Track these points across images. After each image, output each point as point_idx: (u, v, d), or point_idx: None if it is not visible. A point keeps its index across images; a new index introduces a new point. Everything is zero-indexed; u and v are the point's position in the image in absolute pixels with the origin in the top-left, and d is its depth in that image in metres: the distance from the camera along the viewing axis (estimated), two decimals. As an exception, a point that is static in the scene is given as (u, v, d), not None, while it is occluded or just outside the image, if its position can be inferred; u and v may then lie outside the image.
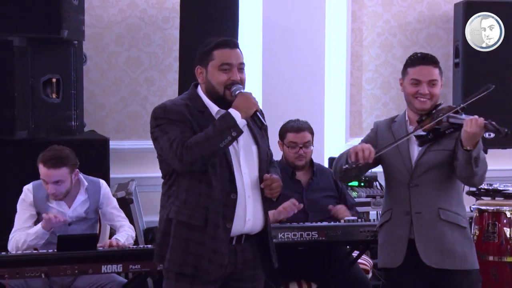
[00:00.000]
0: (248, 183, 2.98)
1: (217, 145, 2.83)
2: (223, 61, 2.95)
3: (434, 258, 3.30)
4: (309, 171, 4.31)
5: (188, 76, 5.06)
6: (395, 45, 5.94)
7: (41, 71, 4.49)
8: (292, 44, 5.54)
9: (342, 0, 5.79)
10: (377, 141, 3.47)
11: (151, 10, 5.55)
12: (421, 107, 3.37)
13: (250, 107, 2.89)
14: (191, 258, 2.90)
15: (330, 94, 5.77)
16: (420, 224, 3.32)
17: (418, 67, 3.38)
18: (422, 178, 3.34)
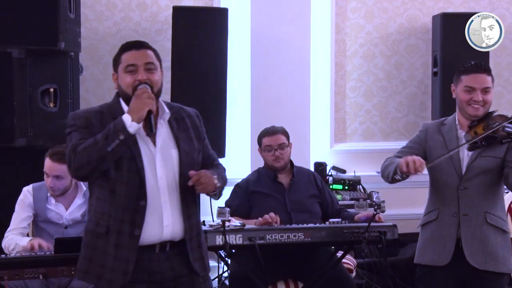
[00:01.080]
0: (164, 188, 2.80)
1: (104, 149, 2.66)
2: (127, 63, 2.81)
3: (479, 259, 3.30)
4: (289, 173, 4.32)
5: (180, 85, 5.08)
6: (377, 55, 5.97)
7: (39, 81, 4.49)
8: (279, 55, 5.55)
9: (326, 13, 5.81)
10: (427, 143, 3.47)
11: (145, 23, 5.56)
12: (474, 114, 3.36)
13: (140, 109, 2.69)
14: (95, 267, 2.78)
15: (315, 102, 5.78)
16: (467, 226, 3.33)
17: (472, 75, 3.38)
18: (471, 182, 3.34)
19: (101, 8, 5.49)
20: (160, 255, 2.83)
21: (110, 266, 2.77)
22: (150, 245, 2.81)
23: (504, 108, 6.12)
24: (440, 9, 5.90)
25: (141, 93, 2.74)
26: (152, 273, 2.82)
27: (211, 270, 5.16)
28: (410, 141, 3.57)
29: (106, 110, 2.84)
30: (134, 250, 2.77)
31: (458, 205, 3.35)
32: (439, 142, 3.44)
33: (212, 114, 5.07)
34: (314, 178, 4.40)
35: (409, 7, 5.96)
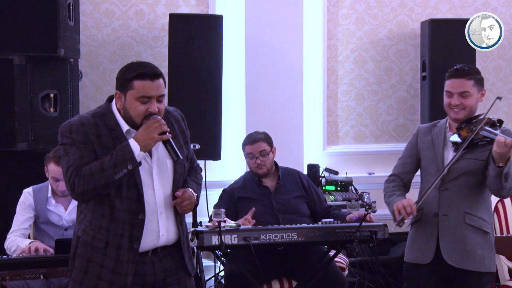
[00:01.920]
0: (161, 199, 2.79)
1: (112, 177, 2.63)
2: (142, 94, 2.72)
3: (456, 258, 3.30)
4: (275, 176, 4.32)
5: (177, 90, 5.08)
6: (367, 60, 5.97)
7: (40, 87, 4.48)
8: (273, 60, 5.55)
9: (318, 20, 5.81)
10: (418, 146, 3.50)
11: (142, 30, 5.56)
12: (454, 117, 3.38)
13: (150, 142, 2.68)
14: (91, 279, 2.74)
15: (308, 106, 5.78)
16: (446, 226, 3.33)
17: (450, 80, 3.41)
18: (453, 183, 3.33)
19: (100, 16, 5.49)
20: (152, 257, 2.83)
21: (108, 279, 2.73)
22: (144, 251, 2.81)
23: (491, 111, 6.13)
24: (428, 16, 5.91)
25: (153, 124, 2.69)
26: (146, 276, 2.82)
27: (207, 269, 5.20)
28: (405, 149, 3.60)
29: (100, 121, 2.76)
30: (134, 263, 2.75)
31: (438, 205, 3.35)
32: (427, 143, 3.45)
33: (208, 118, 5.07)
34: (300, 177, 4.39)
35: (399, 14, 5.97)
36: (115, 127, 2.76)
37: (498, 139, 3.10)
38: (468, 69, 3.44)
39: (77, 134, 2.71)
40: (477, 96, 3.40)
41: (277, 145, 4.50)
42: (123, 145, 2.68)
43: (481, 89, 3.43)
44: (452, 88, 3.37)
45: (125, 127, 2.77)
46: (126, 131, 2.77)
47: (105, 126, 2.75)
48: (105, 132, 2.74)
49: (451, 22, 5.67)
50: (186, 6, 5.59)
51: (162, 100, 2.78)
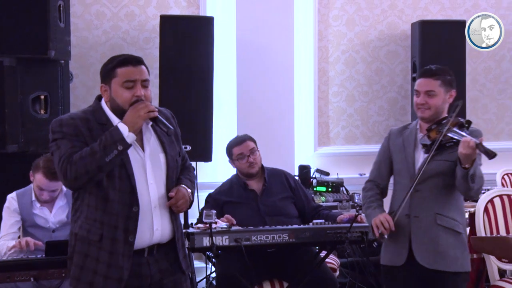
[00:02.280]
0: (154, 193, 2.78)
1: (102, 160, 2.62)
2: (126, 78, 2.73)
3: (429, 259, 3.31)
4: (261, 178, 4.32)
5: (168, 91, 5.08)
6: (358, 61, 5.99)
7: (30, 88, 4.47)
8: (264, 61, 5.56)
9: (309, 21, 5.82)
10: (390, 148, 3.52)
11: (133, 31, 5.55)
12: (420, 116, 3.40)
13: (137, 120, 2.68)
14: (87, 274, 2.72)
15: (299, 107, 5.79)
16: (417, 227, 3.34)
17: (418, 80, 3.44)
18: (423, 185, 3.33)
19: (91, 17, 5.48)
20: (149, 258, 2.81)
21: (104, 273, 2.72)
22: (140, 249, 2.79)
23: (480, 111, 6.18)
24: (418, 17, 5.93)
25: (138, 105, 2.70)
26: (142, 278, 2.80)
27: (199, 271, 5.20)
28: (378, 153, 3.62)
29: (91, 117, 2.77)
30: (129, 257, 2.74)
31: (410, 207, 3.35)
32: (398, 146, 3.47)
33: (199, 120, 5.06)
34: (287, 178, 4.38)
35: (389, 15, 5.99)
36: (106, 122, 2.76)
37: (464, 140, 3.12)
38: (437, 69, 3.44)
39: (67, 127, 2.72)
40: (444, 97, 3.39)
41: (268, 146, 4.51)
42: (112, 129, 2.69)
43: (450, 90, 3.41)
44: (419, 87, 3.40)
45: (116, 121, 2.76)
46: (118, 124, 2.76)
47: (96, 121, 2.76)
48: (96, 126, 2.74)
49: (441, 23, 5.70)
50: (177, 8, 5.59)
51: (147, 85, 2.78)
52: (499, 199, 4.28)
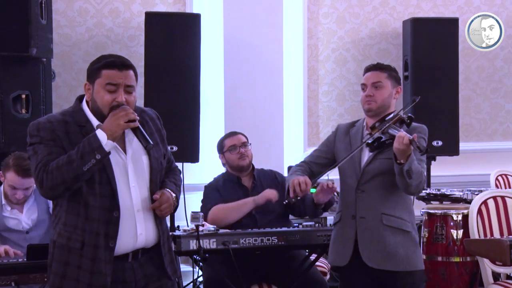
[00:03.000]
0: (137, 197, 2.75)
1: (80, 169, 2.59)
2: (109, 81, 2.70)
3: (376, 260, 3.33)
4: (251, 175, 4.33)
5: (153, 90, 5.06)
6: (349, 59, 6.00)
7: (11, 87, 4.45)
8: (252, 60, 5.56)
9: (298, 18, 5.83)
10: (335, 144, 3.53)
11: (117, 29, 5.53)
12: (367, 107, 3.43)
13: (116, 129, 2.65)
14: (69, 283, 2.69)
15: (288, 107, 5.79)
16: (363, 228, 3.36)
17: (365, 74, 3.49)
18: (368, 185, 3.36)
19: (73, 14, 5.45)
20: (133, 263, 2.78)
21: (87, 281, 2.69)
22: (123, 254, 2.76)
23: (473, 111, 6.20)
24: (410, 14, 5.95)
25: (119, 112, 2.67)
26: (127, 283, 2.78)
27: (186, 275, 5.18)
28: (321, 143, 3.66)
29: (70, 119, 2.74)
30: (110, 263, 2.71)
31: (355, 208, 3.37)
32: (344, 144, 3.48)
33: (186, 119, 5.05)
34: (276, 176, 4.39)
35: (380, 12, 6.01)
36: (86, 124, 2.73)
37: (398, 135, 3.15)
38: (384, 64, 3.52)
39: (44, 131, 2.69)
40: (391, 91, 3.42)
41: (256, 147, 4.50)
42: (90, 136, 2.65)
43: (396, 86, 3.45)
44: (365, 80, 3.46)
45: (95, 123, 2.74)
46: (97, 126, 2.73)
47: (75, 123, 2.72)
48: (74, 129, 2.71)
49: (434, 21, 5.72)
50: (162, 4, 5.58)
51: (131, 91, 2.74)
52: (493, 200, 4.30)
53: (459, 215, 4.52)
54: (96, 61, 2.80)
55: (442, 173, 5.82)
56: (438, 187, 5.03)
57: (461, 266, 4.49)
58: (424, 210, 4.66)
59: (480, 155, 6.10)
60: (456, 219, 4.53)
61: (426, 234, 4.56)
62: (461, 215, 4.52)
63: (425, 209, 4.66)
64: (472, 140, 6.19)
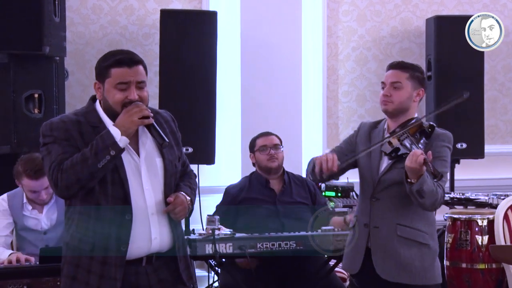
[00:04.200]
0: (151, 200, 2.74)
1: (95, 166, 2.60)
2: (120, 80, 2.70)
3: (390, 272, 3.24)
4: (281, 179, 4.34)
5: (168, 90, 5.08)
6: (369, 59, 5.98)
7: (23, 86, 4.48)
8: (270, 59, 5.56)
9: (318, 16, 5.82)
10: (356, 143, 3.42)
11: (132, 26, 5.55)
12: (383, 108, 3.33)
13: (130, 125, 2.66)
14: (79, 286, 2.70)
15: (307, 107, 5.78)
16: (377, 238, 3.27)
17: (387, 72, 3.38)
18: (384, 193, 3.28)
19: (87, 11, 5.48)
20: (147, 268, 2.78)
21: (96, 285, 2.70)
22: (137, 259, 2.76)
23: (499, 112, 6.16)
24: (433, 12, 5.92)
25: (132, 108, 2.68)
26: None
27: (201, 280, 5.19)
28: (343, 140, 3.55)
29: (83, 119, 2.75)
30: (122, 268, 2.71)
31: (369, 216, 3.29)
32: (364, 144, 3.38)
33: (201, 120, 5.07)
34: (307, 183, 4.40)
35: (402, 10, 5.99)
36: (99, 124, 2.74)
37: (412, 153, 3.04)
38: (408, 63, 3.39)
39: (58, 131, 2.70)
40: (410, 93, 3.30)
41: (274, 148, 4.51)
42: (103, 133, 2.66)
43: (418, 88, 3.32)
44: (385, 78, 3.34)
45: (109, 123, 2.74)
46: None
47: (88, 123, 2.74)
48: (88, 130, 2.72)
49: (458, 19, 5.67)
50: (178, 2, 5.60)
51: (143, 87, 2.75)
52: (520, 206, 4.28)
53: (484, 220, 4.49)
54: (103, 59, 2.81)
55: (467, 176, 5.77)
56: (462, 191, 5.00)
57: (486, 273, 4.46)
58: (447, 215, 4.63)
59: (506, 158, 6.06)
60: (481, 224, 4.50)
61: (449, 239, 4.54)
62: (486, 220, 4.48)
63: (448, 214, 4.64)
64: (497, 142, 6.15)
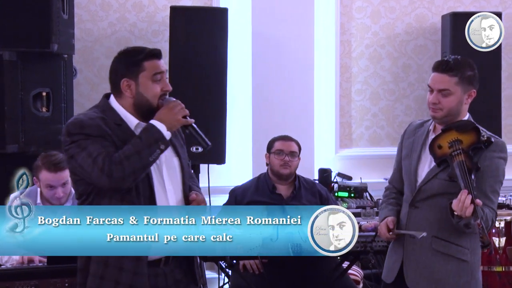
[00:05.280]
0: (173, 199, 2.82)
1: (147, 159, 2.67)
2: (155, 71, 2.79)
3: (421, 285, 3.13)
4: (291, 185, 4.34)
5: (178, 89, 5.07)
6: (383, 56, 5.98)
7: (31, 85, 4.51)
8: (282, 56, 5.57)
9: (330, 13, 5.82)
10: (402, 147, 3.31)
11: (141, 23, 5.58)
12: (432, 115, 3.15)
13: (175, 123, 2.76)
14: (108, 285, 2.73)
15: (319, 106, 5.79)
16: (411, 249, 3.16)
17: (433, 74, 3.18)
18: (423, 203, 3.15)
19: (96, 8, 5.51)
20: (164, 269, 2.83)
21: (129, 283, 2.73)
22: (156, 259, 2.81)
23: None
24: (449, 8, 5.92)
25: (176, 106, 2.77)
26: None
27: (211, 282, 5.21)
28: (397, 153, 3.37)
29: (107, 117, 2.79)
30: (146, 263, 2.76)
31: (406, 223, 3.17)
32: (406, 149, 3.26)
33: (212, 119, 5.08)
34: (319, 190, 4.40)
35: (417, 6, 5.98)
36: (121, 123, 2.80)
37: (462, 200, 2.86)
38: (455, 62, 3.17)
39: (89, 128, 2.73)
40: (461, 97, 3.11)
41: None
42: (147, 127, 2.72)
43: (469, 90, 3.13)
44: (432, 83, 3.14)
45: (133, 121, 2.80)
46: (136, 125, 2.80)
47: (112, 121, 2.78)
48: (113, 127, 2.77)
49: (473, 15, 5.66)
50: (188, -2, 5.62)
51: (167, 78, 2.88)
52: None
53: (502, 222, 4.49)
54: (128, 55, 2.84)
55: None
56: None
57: (503, 276, 4.45)
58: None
59: (524, 158, 6.04)
60: (499, 226, 4.49)
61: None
62: (503, 222, 4.48)
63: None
64: (515, 142, 6.14)
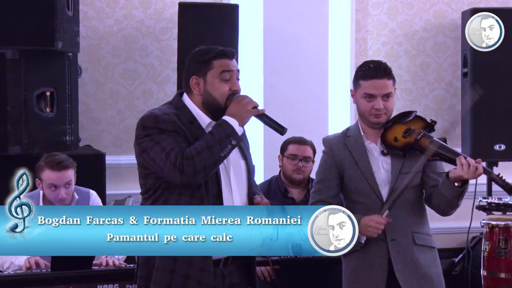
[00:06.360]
0: (238, 201, 2.89)
1: (218, 154, 2.76)
2: (223, 69, 2.89)
3: (414, 285, 3.21)
4: (304, 188, 4.32)
5: (187, 88, 5.09)
6: (401, 54, 5.96)
7: (35, 84, 4.51)
8: (294, 54, 5.56)
9: (346, 9, 5.81)
10: (337, 164, 3.32)
11: (149, 21, 5.58)
12: (376, 121, 3.25)
13: (246, 115, 2.87)
14: (178, 279, 2.79)
15: (334, 106, 5.77)
16: (396, 251, 3.22)
17: (371, 81, 3.25)
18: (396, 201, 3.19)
19: (101, 5, 5.51)
20: (223, 270, 2.89)
21: (197, 278, 2.79)
22: (216, 260, 2.86)
23: None
24: (470, 4, 5.89)
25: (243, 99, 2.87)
26: None
27: None
28: (320, 171, 3.38)
29: (180, 114, 2.87)
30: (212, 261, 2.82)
31: (383, 230, 3.18)
32: (347, 160, 3.29)
33: (222, 119, 5.07)
34: None
35: (436, 2, 5.96)
36: (193, 120, 2.89)
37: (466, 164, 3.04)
38: (386, 65, 3.32)
39: (164, 123, 2.81)
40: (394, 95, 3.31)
41: (299, 151, 4.50)
42: (219, 123, 2.81)
43: (395, 88, 3.34)
44: (376, 90, 3.22)
45: (206, 120, 2.89)
46: (208, 124, 2.88)
47: (186, 119, 2.87)
48: (186, 123, 2.86)
49: (496, 11, 5.59)
50: (197, -6, 5.61)
51: (239, 79, 2.95)
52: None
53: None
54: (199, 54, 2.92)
55: (505, 180, 5.72)
56: (501, 195, 4.94)
57: None
58: (485, 222, 4.58)
59: (548, 160, 5.99)
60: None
61: (487, 248, 4.49)
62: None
63: (486, 221, 4.58)
64: (539, 143, 6.09)
